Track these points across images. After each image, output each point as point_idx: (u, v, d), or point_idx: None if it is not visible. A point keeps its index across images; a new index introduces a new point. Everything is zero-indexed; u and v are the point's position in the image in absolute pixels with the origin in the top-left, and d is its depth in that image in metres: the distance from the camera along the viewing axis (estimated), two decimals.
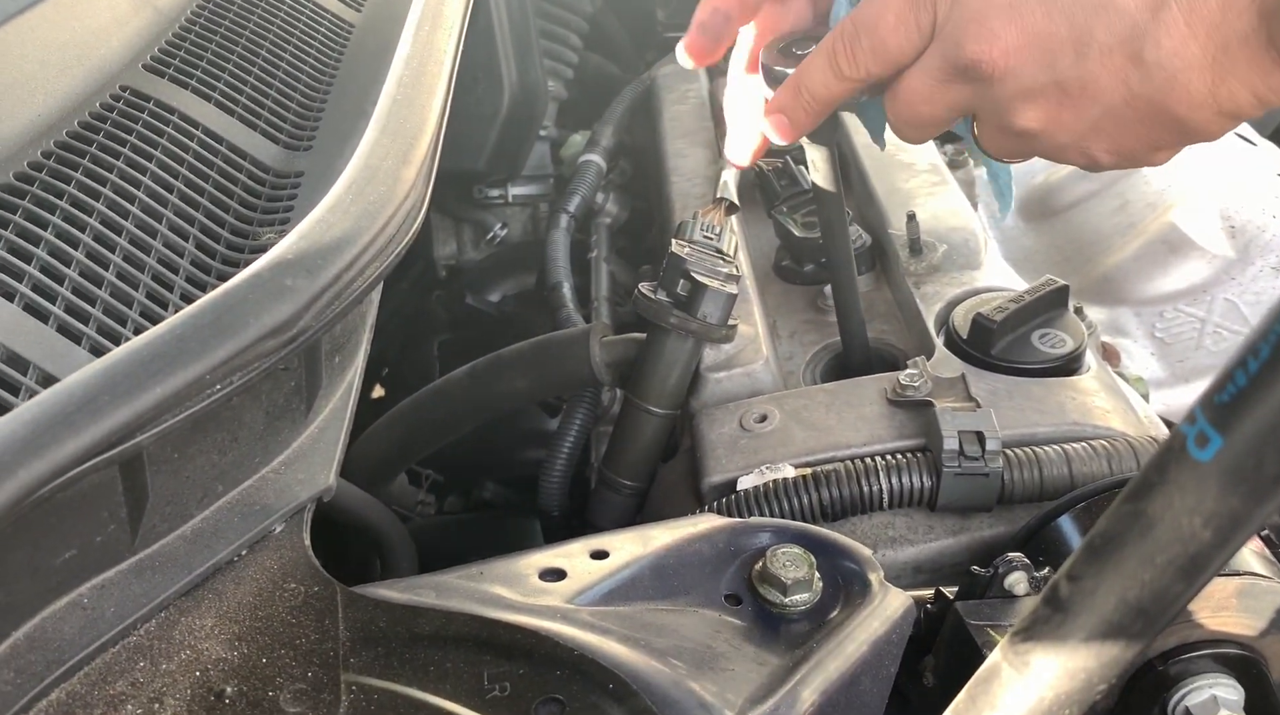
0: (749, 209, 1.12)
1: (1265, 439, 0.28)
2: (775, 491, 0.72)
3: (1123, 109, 0.53)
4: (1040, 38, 0.52)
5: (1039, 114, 0.55)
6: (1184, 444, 0.30)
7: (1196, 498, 0.30)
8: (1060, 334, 0.82)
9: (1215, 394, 0.29)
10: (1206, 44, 0.49)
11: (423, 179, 0.60)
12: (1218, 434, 0.29)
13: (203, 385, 0.45)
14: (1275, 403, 0.28)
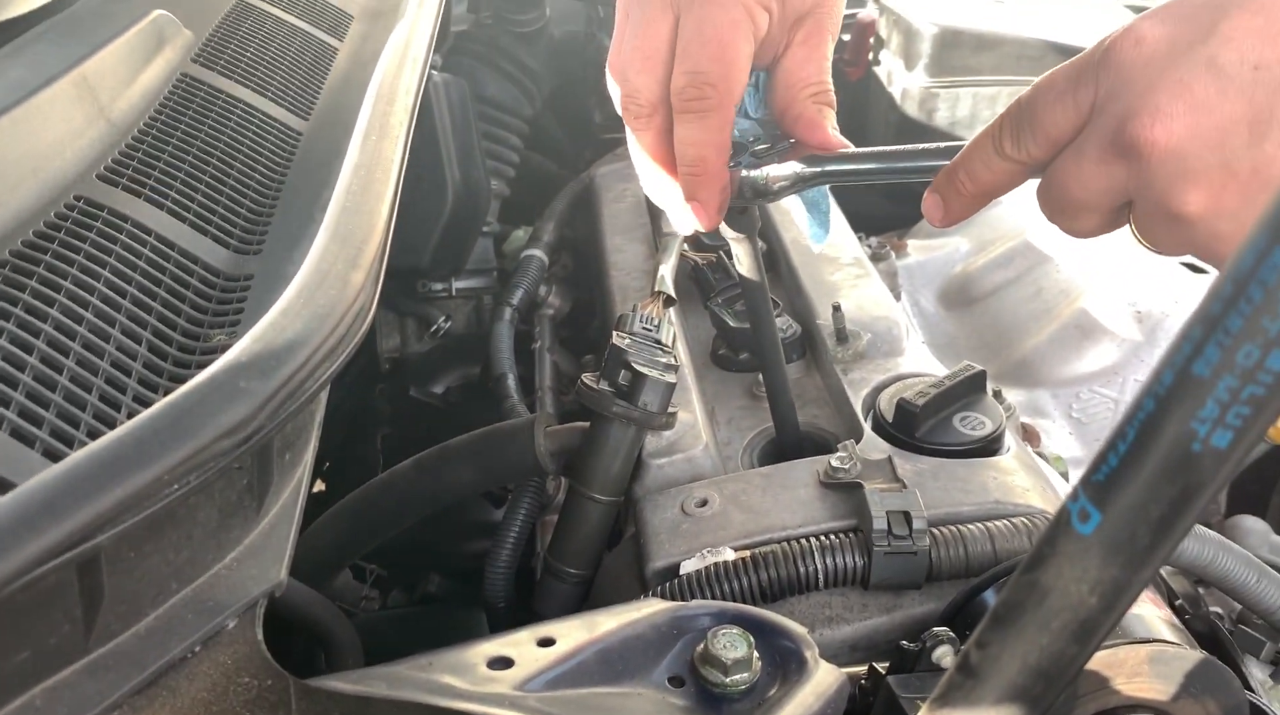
0: (686, 301, 1.16)
1: (1136, 514, 0.32)
2: (716, 575, 0.75)
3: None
4: (1212, 115, 0.48)
5: (1200, 198, 0.50)
6: (1069, 519, 0.33)
7: (1082, 568, 0.33)
8: (980, 416, 0.86)
9: (1092, 474, 0.33)
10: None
11: (371, 282, 0.63)
12: (1096, 510, 0.33)
13: (161, 486, 0.47)
14: (1141, 482, 0.31)
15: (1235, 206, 0.50)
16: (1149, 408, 0.31)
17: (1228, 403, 0.29)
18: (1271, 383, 0.29)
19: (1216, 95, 0.48)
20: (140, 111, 0.81)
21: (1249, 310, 0.28)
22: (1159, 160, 0.50)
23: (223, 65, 0.94)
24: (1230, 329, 0.29)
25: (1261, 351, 0.28)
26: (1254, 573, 0.80)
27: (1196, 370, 0.30)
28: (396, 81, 0.90)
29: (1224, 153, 0.49)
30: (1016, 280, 1.24)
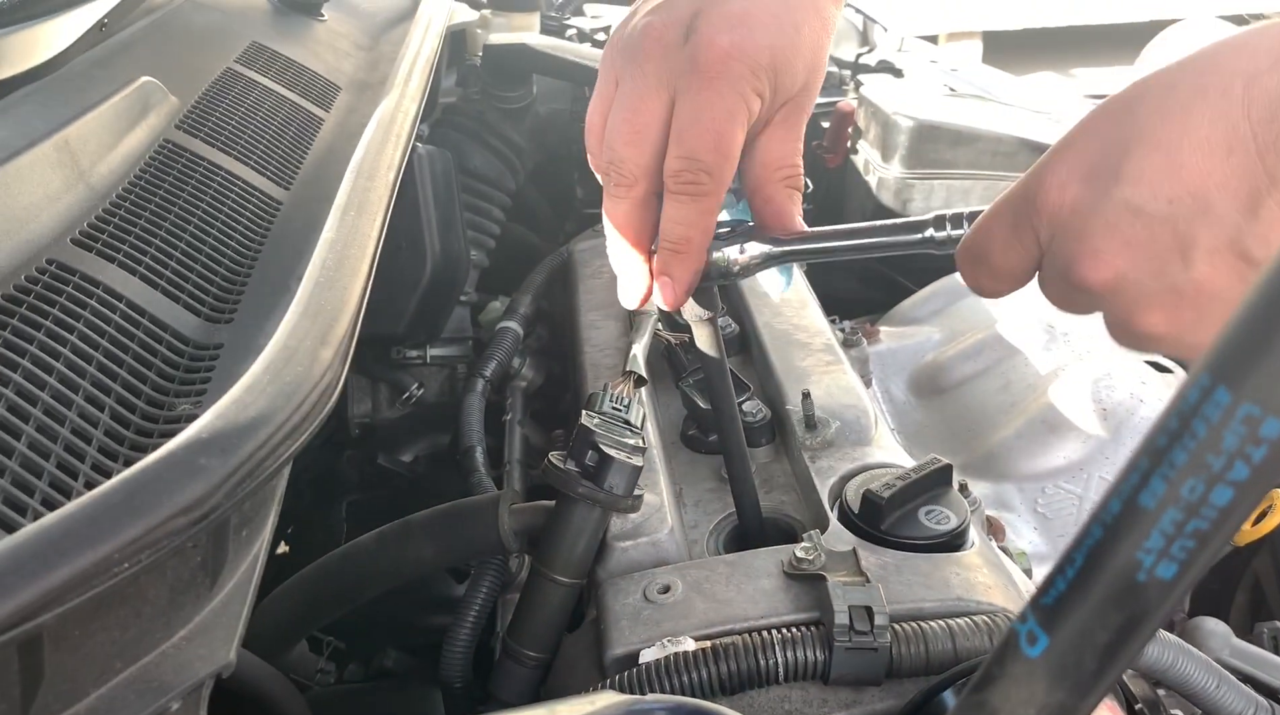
0: (658, 380, 1.17)
1: (1083, 639, 0.32)
2: (676, 665, 0.74)
3: (1234, 290, 0.51)
4: (1144, 250, 0.51)
5: (1160, 319, 0.53)
6: (1017, 641, 0.33)
7: (1029, 691, 0.33)
8: (945, 511, 0.86)
9: (1041, 596, 0.33)
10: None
11: (339, 360, 0.63)
12: (1044, 633, 0.33)
13: (111, 564, 0.46)
14: (1089, 607, 0.31)
15: (1193, 319, 0.52)
16: (1096, 535, 0.31)
17: (1172, 535, 0.30)
18: (1215, 517, 0.29)
19: (1143, 232, 0.51)
20: (120, 176, 0.82)
21: (1193, 445, 0.29)
22: (1111, 295, 0.53)
23: (206, 132, 0.95)
24: (1175, 463, 0.29)
25: (1205, 486, 0.29)
26: (1214, 678, 0.80)
27: (1142, 501, 0.30)
28: (379, 157, 0.91)
29: (1166, 279, 0.51)
30: (985, 372, 1.26)
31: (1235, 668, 1.08)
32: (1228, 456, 0.28)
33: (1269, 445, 0.28)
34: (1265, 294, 0.28)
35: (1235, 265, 0.50)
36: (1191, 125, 0.49)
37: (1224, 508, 0.29)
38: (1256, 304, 0.28)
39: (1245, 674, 1.07)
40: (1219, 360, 0.29)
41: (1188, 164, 0.49)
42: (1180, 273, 0.51)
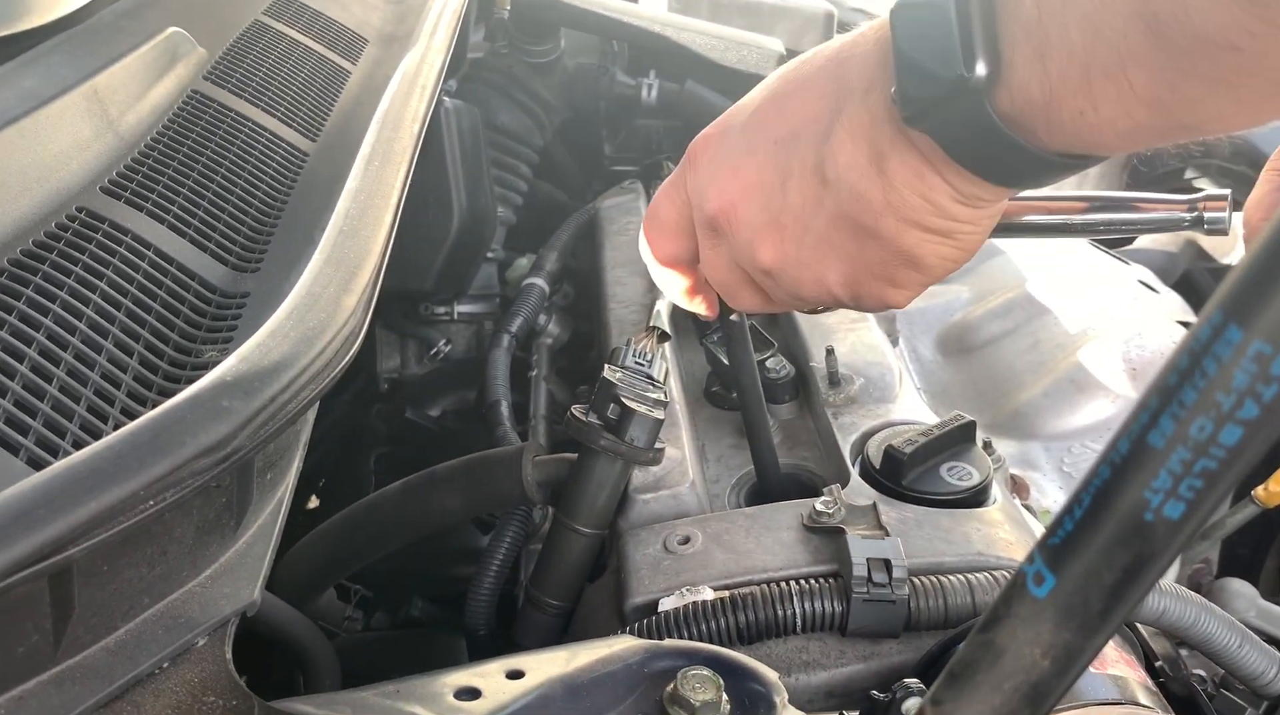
0: (683, 336, 1.17)
1: (1090, 579, 0.32)
2: (694, 614, 0.75)
3: (829, 231, 0.56)
4: (754, 184, 0.58)
5: (770, 251, 0.59)
6: (1025, 581, 0.34)
7: (1036, 630, 0.33)
8: (968, 467, 0.86)
9: (1049, 537, 0.33)
10: (868, 152, 0.53)
11: (363, 306, 0.64)
12: (1051, 574, 0.33)
13: (137, 501, 0.47)
14: (1096, 547, 0.31)
15: (794, 252, 0.58)
16: (1105, 475, 0.31)
17: (1180, 475, 0.30)
18: (1224, 457, 0.29)
19: (754, 167, 0.58)
20: (149, 126, 0.82)
21: (1203, 384, 0.29)
22: (734, 229, 0.59)
23: (234, 84, 0.96)
24: (1185, 402, 0.29)
25: (1214, 426, 0.29)
26: (1236, 637, 0.80)
27: (1151, 441, 0.30)
28: (404, 108, 0.91)
29: (770, 210, 0.58)
30: (1014, 331, 1.24)
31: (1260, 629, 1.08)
32: (1238, 395, 0.28)
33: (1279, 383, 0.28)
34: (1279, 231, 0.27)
35: (816, 190, 0.55)
36: (801, 76, 0.57)
37: (1233, 447, 0.29)
38: (1271, 242, 0.28)
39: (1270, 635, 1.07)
40: (1232, 297, 0.28)
41: (791, 106, 0.57)
42: (780, 202, 0.57)
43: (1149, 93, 0.43)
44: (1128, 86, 0.44)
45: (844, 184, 0.54)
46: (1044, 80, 0.46)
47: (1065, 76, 0.45)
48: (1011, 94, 0.47)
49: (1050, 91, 0.46)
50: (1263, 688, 0.79)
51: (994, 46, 0.47)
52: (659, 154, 1.64)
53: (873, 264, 0.57)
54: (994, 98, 0.48)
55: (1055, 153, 0.49)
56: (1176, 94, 0.43)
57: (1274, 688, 0.79)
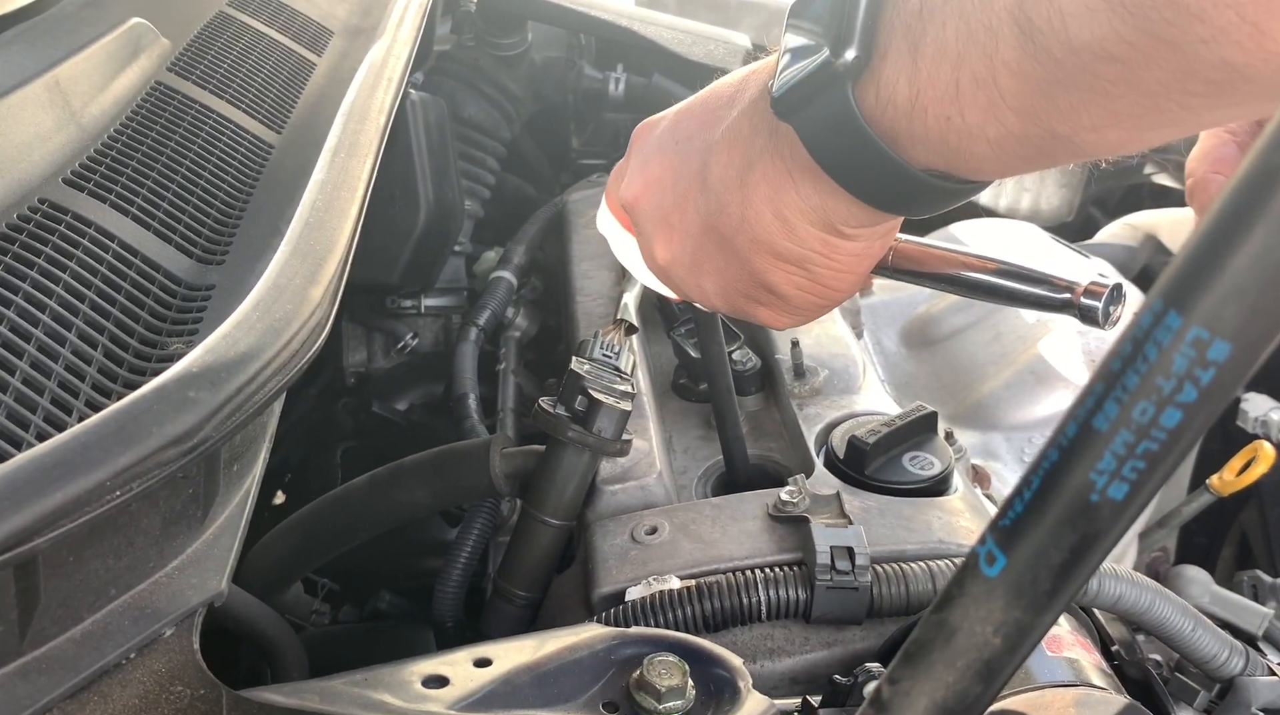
0: (651, 329, 1.17)
1: (1039, 559, 0.33)
2: (661, 603, 0.75)
3: (703, 239, 0.56)
4: (655, 180, 0.59)
5: (662, 247, 0.60)
6: (977, 562, 0.35)
7: (987, 609, 0.34)
8: (929, 457, 0.88)
9: (1000, 519, 0.34)
10: (739, 161, 0.52)
11: (329, 298, 0.64)
12: (1002, 554, 0.34)
13: (103, 492, 0.47)
14: (1044, 528, 0.33)
15: (679, 251, 0.59)
16: (1053, 457, 0.32)
17: (1124, 457, 0.31)
18: (1165, 439, 0.30)
19: (658, 165, 0.59)
20: (112, 118, 0.82)
21: (1144, 368, 0.30)
22: (639, 217, 0.61)
23: (198, 75, 0.95)
24: (1127, 386, 0.30)
25: (1155, 409, 0.30)
26: (1190, 621, 0.81)
27: (1096, 424, 0.31)
28: (369, 101, 0.91)
29: (662, 208, 0.59)
30: (976, 324, 1.26)
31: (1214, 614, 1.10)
32: (1177, 379, 0.29)
33: (1216, 368, 0.29)
34: (1217, 220, 0.28)
35: (696, 195, 0.56)
36: (720, 83, 0.58)
37: (1173, 429, 0.30)
38: (1208, 231, 0.29)
39: (1224, 620, 1.09)
40: (1172, 285, 0.29)
41: (699, 110, 0.57)
42: (669, 200, 0.58)
43: (1020, 101, 0.42)
44: (998, 94, 0.42)
45: (714, 195, 0.54)
46: (913, 78, 0.44)
47: (934, 77, 0.44)
48: (878, 90, 0.46)
49: (918, 92, 0.44)
50: (1215, 670, 0.81)
51: (870, 35, 0.45)
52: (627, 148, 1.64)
53: (737, 283, 0.56)
54: (860, 90, 0.46)
55: (921, 167, 0.47)
56: (1049, 102, 0.41)
57: (1226, 670, 0.81)
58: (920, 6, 0.44)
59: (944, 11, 0.43)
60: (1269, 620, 1.06)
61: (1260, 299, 0.28)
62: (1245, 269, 0.28)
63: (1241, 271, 0.28)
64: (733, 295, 0.58)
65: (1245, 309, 0.28)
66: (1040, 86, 0.41)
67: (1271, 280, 0.28)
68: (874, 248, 0.54)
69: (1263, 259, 0.28)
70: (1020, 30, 0.40)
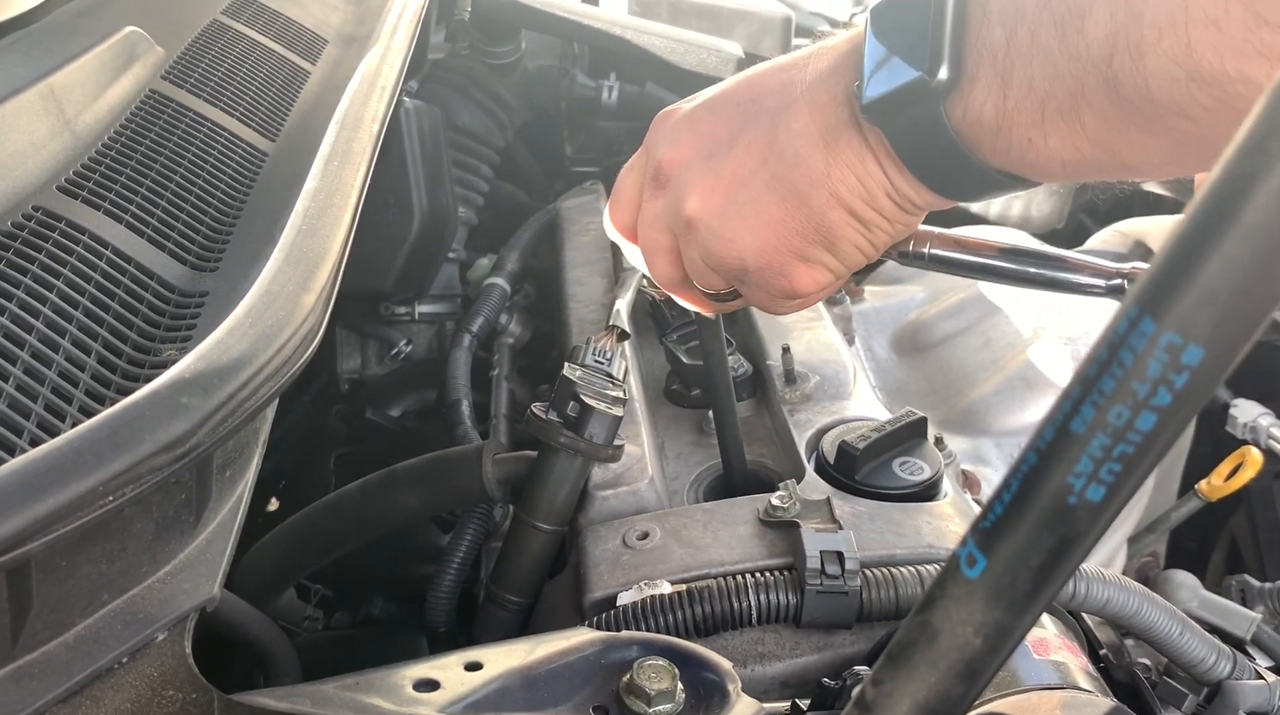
0: (643, 335, 1.18)
1: (1018, 561, 0.33)
2: (652, 607, 0.76)
3: (763, 191, 0.58)
4: (707, 136, 0.61)
5: (698, 200, 0.61)
6: (958, 564, 0.35)
7: (968, 611, 0.35)
8: (919, 462, 0.88)
9: (980, 521, 0.35)
10: (822, 125, 0.56)
11: (321, 305, 0.64)
12: (982, 556, 0.34)
13: (95, 497, 0.47)
14: (1023, 530, 0.33)
15: (721, 203, 0.60)
16: (1031, 461, 0.33)
17: (1101, 460, 0.31)
18: (1140, 442, 0.31)
19: (710, 124, 0.61)
20: (106, 125, 0.82)
21: (1120, 373, 0.30)
22: (675, 176, 0.62)
23: (192, 83, 0.96)
24: (1104, 390, 0.31)
25: (1131, 412, 0.30)
26: (1178, 625, 0.82)
27: (1074, 428, 0.32)
28: (363, 109, 0.92)
29: (713, 161, 0.60)
30: (967, 330, 1.27)
31: (1202, 618, 1.11)
32: (1152, 383, 0.30)
33: (1190, 372, 0.29)
34: (1190, 228, 0.29)
35: (763, 150, 0.58)
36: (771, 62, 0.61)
37: (1148, 433, 0.30)
38: (1180, 239, 0.29)
39: (1212, 625, 1.10)
40: (1146, 292, 0.30)
41: (759, 79, 0.60)
42: (725, 155, 0.59)
43: (1099, 135, 0.47)
44: (1079, 127, 0.47)
45: (791, 149, 0.57)
46: (1000, 105, 0.49)
47: (1021, 107, 0.48)
48: (966, 108, 0.50)
49: (1005, 116, 0.49)
50: (1203, 674, 0.82)
51: (959, 58, 0.50)
52: (620, 155, 1.65)
53: (793, 235, 0.58)
54: (949, 105, 0.50)
55: (996, 169, 0.51)
56: (1124, 140, 0.46)
57: (1214, 674, 0.82)
58: (1006, 43, 0.49)
59: (1030, 51, 0.48)
60: (1256, 624, 1.07)
61: (1231, 305, 0.29)
62: (1216, 276, 0.28)
63: (1213, 278, 0.28)
64: (777, 249, 0.59)
65: (1217, 315, 0.29)
66: (1118, 126, 0.46)
67: (1242, 287, 0.28)
68: (915, 222, 0.60)
69: (1233, 266, 0.28)
70: (1105, 82, 0.45)
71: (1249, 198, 0.28)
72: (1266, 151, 0.27)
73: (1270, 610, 1.17)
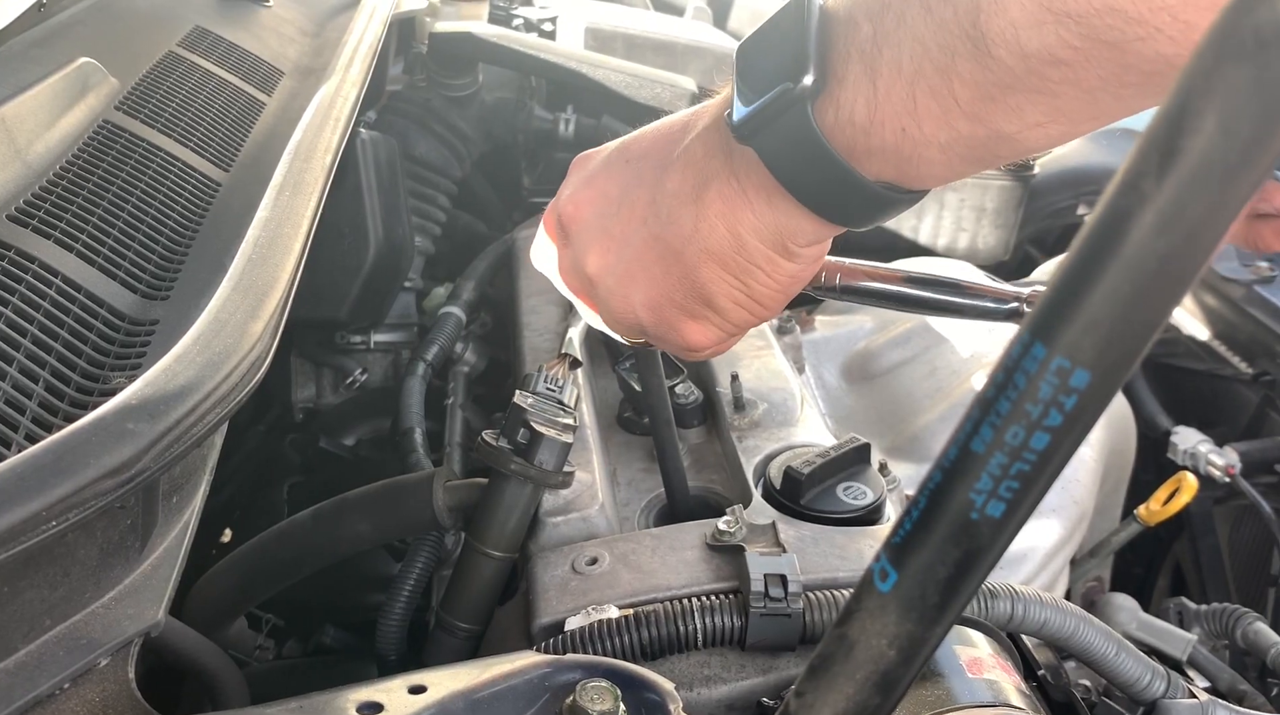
0: (597, 363, 1.19)
1: (926, 574, 0.35)
2: (599, 632, 0.77)
3: (644, 249, 0.59)
4: (602, 196, 0.62)
5: (595, 259, 0.63)
6: (872, 578, 0.37)
7: (882, 623, 0.36)
8: (863, 487, 0.90)
9: (892, 536, 0.36)
10: (694, 181, 0.57)
11: (270, 332, 0.65)
12: (894, 569, 0.36)
13: (39, 521, 0.48)
14: (930, 545, 0.35)
15: (613, 263, 0.61)
16: (937, 479, 0.35)
17: (999, 477, 0.33)
18: (1035, 461, 0.33)
19: (606, 180, 0.63)
20: (57, 155, 0.83)
21: (1015, 396, 0.32)
22: (576, 230, 0.64)
23: (146, 114, 0.96)
24: (1000, 412, 0.33)
25: (1025, 432, 0.32)
26: (1114, 646, 0.84)
27: (974, 447, 0.33)
28: (316, 139, 0.93)
29: (604, 219, 0.62)
30: (913, 359, 1.30)
31: (1141, 640, 1.14)
32: (1044, 405, 0.32)
33: (1078, 394, 0.31)
34: (1076, 260, 0.31)
35: (645, 210, 0.59)
36: (671, 116, 0.62)
37: (1042, 451, 0.32)
38: (1068, 269, 0.31)
39: (1150, 646, 1.13)
40: (1037, 319, 0.32)
41: (651, 135, 0.62)
42: (613, 215, 0.61)
43: (972, 106, 0.47)
44: (952, 102, 0.47)
45: (665, 208, 0.58)
46: (871, 98, 0.49)
47: (891, 94, 0.48)
48: (837, 110, 0.50)
49: (875, 109, 0.49)
50: (1139, 694, 0.84)
51: (824, 60, 0.50)
52: None
53: (674, 292, 0.59)
54: (819, 110, 0.50)
55: (873, 178, 0.51)
56: (999, 105, 0.46)
57: (1149, 693, 0.84)
58: (874, 34, 0.49)
59: (897, 35, 0.48)
60: (1192, 645, 1.10)
61: (1114, 331, 0.31)
62: (1100, 304, 0.31)
63: (1096, 306, 0.31)
64: (664, 306, 0.60)
65: (1101, 340, 0.31)
66: (991, 91, 0.46)
67: (1123, 314, 0.30)
68: (806, 272, 0.59)
69: (1115, 294, 0.30)
70: (974, 45, 0.45)
71: (1126, 233, 0.30)
72: (1140, 189, 0.29)
73: (1206, 632, 1.20)
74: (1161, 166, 0.29)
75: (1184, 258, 0.29)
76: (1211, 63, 0.27)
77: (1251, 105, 0.27)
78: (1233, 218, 0.29)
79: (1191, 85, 0.28)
